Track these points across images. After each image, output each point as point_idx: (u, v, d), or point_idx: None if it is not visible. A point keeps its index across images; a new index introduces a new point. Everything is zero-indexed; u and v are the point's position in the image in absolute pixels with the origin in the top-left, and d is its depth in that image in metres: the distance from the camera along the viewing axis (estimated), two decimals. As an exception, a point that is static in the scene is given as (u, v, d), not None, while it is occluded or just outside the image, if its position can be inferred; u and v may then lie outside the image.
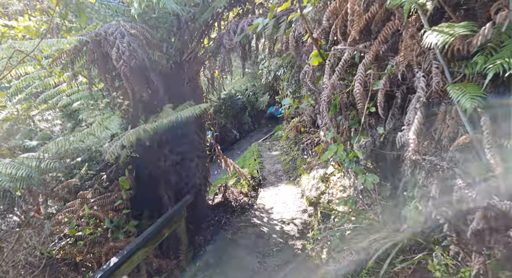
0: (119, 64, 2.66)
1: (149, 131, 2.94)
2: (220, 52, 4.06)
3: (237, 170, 6.88)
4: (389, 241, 2.45)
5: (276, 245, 4.71)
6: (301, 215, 5.61)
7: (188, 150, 4.99)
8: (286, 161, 8.95)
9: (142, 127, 2.87)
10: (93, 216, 3.02)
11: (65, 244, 2.71)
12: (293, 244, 4.68)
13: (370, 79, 1.98)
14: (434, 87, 1.50)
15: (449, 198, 1.68)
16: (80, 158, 3.96)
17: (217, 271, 4.13)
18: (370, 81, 2.05)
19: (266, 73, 11.29)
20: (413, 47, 1.60)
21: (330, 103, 2.23)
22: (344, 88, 2.25)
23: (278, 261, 4.26)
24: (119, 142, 2.69)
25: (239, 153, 12.35)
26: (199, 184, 5.02)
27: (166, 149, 4.67)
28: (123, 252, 2.29)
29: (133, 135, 2.78)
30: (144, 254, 2.57)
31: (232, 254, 4.54)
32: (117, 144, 2.67)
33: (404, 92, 2.06)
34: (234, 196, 6.72)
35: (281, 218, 5.59)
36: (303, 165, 7.74)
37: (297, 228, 5.15)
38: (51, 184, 3.68)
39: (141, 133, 2.81)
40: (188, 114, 3.02)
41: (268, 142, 11.51)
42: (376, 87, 1.94)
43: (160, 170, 4.48)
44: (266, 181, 7.78)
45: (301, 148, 8.93)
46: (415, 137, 1.51)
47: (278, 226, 5.32)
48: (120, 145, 2.68)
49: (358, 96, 2.02)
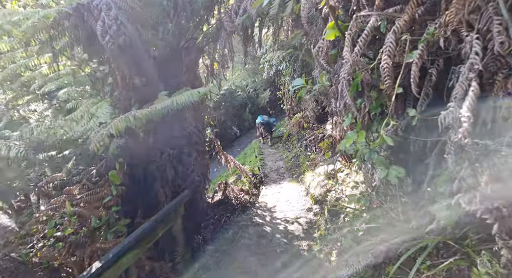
0: (105, 40, 2.33)
1: (141, 119, 2.61)
2: (221, 36, 3.72)
3: (238, 166, 6.55)
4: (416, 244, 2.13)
5: (280, 246, 4.38)
6: (306, 213, 5.28)
7: (186, 143, 4.66)
8: (289, 157, 8.63)
9: (133, 114, 2.54)
10: (78, 214, 2.69)
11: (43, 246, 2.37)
12: (298, 244, 4.35)
13: (402, 49, 1.65)
14: (496, 50, 1.17)
15: (505, 192, 1.36)
16: (68, 151, 3.62)
17: (217, 273, 3.80)
18: (400, 54, 1.72)
19: (267, 68, 10.95)
20: (465, 2, 1.27)
21: (350, 82, 1.90)
22: (366, 64, 1.92)
23: (282, 264, 3.94)
24: (106, 129, 2.36)
25: (239, 150, 12.03)
26: (197, 180, 4.69)
27: (161, 142, 4.34)
28: (109, 255, 1.96)
29: (122, 123, 2.45)
30: (135, 256, 2.24)
31: (233, 255, 4.21)
32: (104, 132, 2.34)
33: (441, 66, 1.73)
34: (235, 193, 6.39)
35: (284, 217, 5.27)
36: (307, 162, 7.41)
37: (302, 228, 4.82)
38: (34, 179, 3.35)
39: (131, 120, 2.48)
40: (184, 100, 2.69)
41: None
42: (410, 59, 1.61)
43: (155, 164, 4.15)
44: (268, 178, 7.46)
45: (304, 145, 8.60)
46: (469, 115, 1.18)
47: (281, 225, 4.99)
48: (107, 133, 2.35)
49: (386, 72, 1.69)
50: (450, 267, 2.07)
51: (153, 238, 2.47)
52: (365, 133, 1.93)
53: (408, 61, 1.64)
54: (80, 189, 3.04)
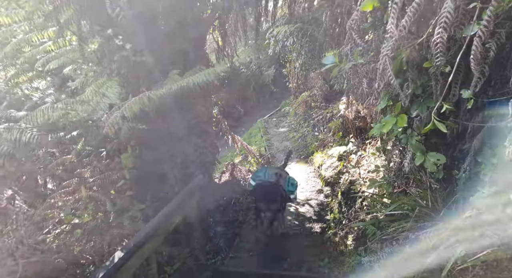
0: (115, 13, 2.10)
1: (155, 100, 2.43)
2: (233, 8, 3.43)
3: (245, 147, 6.44)
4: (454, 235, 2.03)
5: (291, 228, 4.35)
6: (317, 195, 5.23)
7: (194, 124, 4.50)
8: (295, 138, 8.50)
9: (147, 95, 2.36)
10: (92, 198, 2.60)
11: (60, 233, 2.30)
12: (310, 227, 4.32)
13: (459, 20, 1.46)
14: None
15: None
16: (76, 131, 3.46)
17: (230, 256, 3.79)
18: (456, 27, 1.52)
19: (273, 43, 10.51)
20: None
21: (393, 60, 1.70)
22: (412, 40, 1.72)
23: (295, 246, 3.92)
24: (120, 111, 2.19)
25: (243, 129, 11.87)
26: (207, 161, 4.59)
27: (171, 123, 4.18)
28: (129, 245, 1.88)
29: (136, 104, 2.28)
30: (154, 244, 2.17)
31: (244, 237, 4.19)
32: (118, 114, 2.18)
33: (501, 40, 1.54)
34: (243, 174, 6.32)
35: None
36: (315, 142, 7.29)
37: (313, 210, 4.78)
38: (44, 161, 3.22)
39: (146, 102, 2.31)
40: (201, 80, 2.50)
41: (275, 118, 11.00)
42: (468, 32, 1.41)
43: (165, 146, 4.02)
44: (275, 158, 7.37)
45: (312, 124, 8.44)
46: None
47: (291, 207, 4.94)
48: (121, 116, 2.18)
49: (439, 48, 1.50)
50: (486, 259, 1.98)
51: (171, 226, 2.39)
52: (406, 118, 1.76)
53: (467, 35, 1.44)
54: (91, 172, 2.93)
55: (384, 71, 1.73)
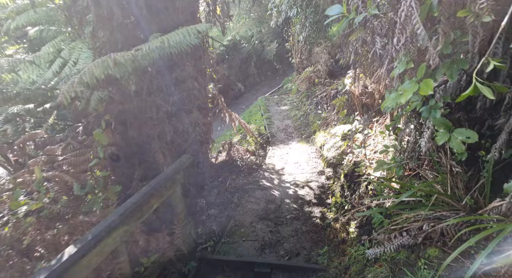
0: None
1: (124, 65, 2.01)
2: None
3: (243, 125, 6.03)
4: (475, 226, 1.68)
5: (290, 212, 4.06)
6: (318, 177, 4.90)
7: (185, 99, 4.09)
8: (297, 116, 8.06)
9: (113, 57, 1.94)
10: (58, 179, 2.25)
11: (7, 221, 1.97)
12: (309, 211, 4.02)
13: None
14: None
15: None
16: (49, 104, 3.08)
17: (222, 241, 3.52)
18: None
19: (275, 14, 9.79)
20: None
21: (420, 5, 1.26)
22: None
23: (293, 231, 3.63)
24: (78, 76, 1.79)
25: (243, 107, 11.42)
26: (199, 140, 4.22)
27: (157, 96, 3.78)
28: (87, 237, 1.55)
29: (98, 68, 1.87)
30: (123, 234, 1.85)
31: (238, 220, 3.91)
32: (75, 80, 1.78)
33: None
34: (240, 154, 5.98)
35: (294, 181, 4.90)
36: (317, 121, 6.88)
37: (314, 193, 4.46)
38: (11, 136, 2.86)
39: (111, 65, 1.89)
40: (179, 40, 2.07)
41: (276, 95, 10.50)
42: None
43: (151, 122, 3.63)
44: (275, 138, 6.99)
45: (315, 102, 7.97)
46: None
47: (291, 190, 4.63)
48: (81, 82, 1.79)
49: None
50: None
51: (146, 212, 2.06)
52: (432, 84, 1.34)
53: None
54: (63, 149, 2.58)
55: (407, 20, 1.30)
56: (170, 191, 2.36)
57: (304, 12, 8.82)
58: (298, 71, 10.16)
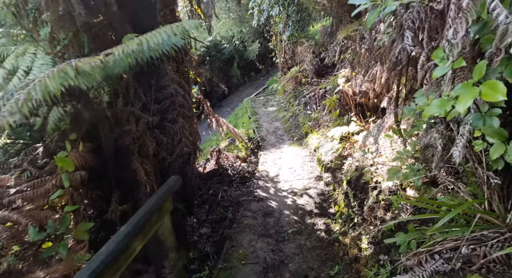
0: None
1: (90, 74, 1.58)
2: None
3: (232, 131, 5.63)
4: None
5: (291, 225, 3.71)
6: (315, 183, 4.58)
7: (169, 106, 3.66)
8: (286, 117, 7.75)
9: (74, 65, 1.51)
10: (8, 222, 1.77)
11: None
12: (312, 223, 3.69)
13: None
14: None
15: None
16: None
17: (219, 267, 3.11)
18: None
19: (257, 13, 9.44)
20: None
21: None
22: None
23: (297, 249, 3.28)
24: (25, 92, 1.35)
25: (229, 110, 10.99)
26: (186, 151, 3.79)
27: (136, 106, 3.33)
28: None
29: (55, 80, 1.43)
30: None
31: (235, 240, 3.52)
32: (21, 97, 1.34)
33: None
34: (230, 162, 5.58)
35: (291, 188, 4.56)
36: (308, 122, 6.58)
37: (314, 201, 4.14)
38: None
39: (71, 75, 1.46)
40: (161, 40, 1.66)
41: (262, 96, 10.15)
42: None
43: (130, 135, 3.17)
44: (266, 142, 6.64)
45: (303, 102, 7.68)
46: None
47: (289, 199, 4.29)
48: (27, 99, 1.35)
49: None
50: None
51: (128, 258, 1.64)
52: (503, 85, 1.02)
53: None
54: (17, 179, 2.08)
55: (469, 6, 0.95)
56: (157, 225, 1.94)
57: (286, 11, 8.54)
58: (283, 71, 9.86)
